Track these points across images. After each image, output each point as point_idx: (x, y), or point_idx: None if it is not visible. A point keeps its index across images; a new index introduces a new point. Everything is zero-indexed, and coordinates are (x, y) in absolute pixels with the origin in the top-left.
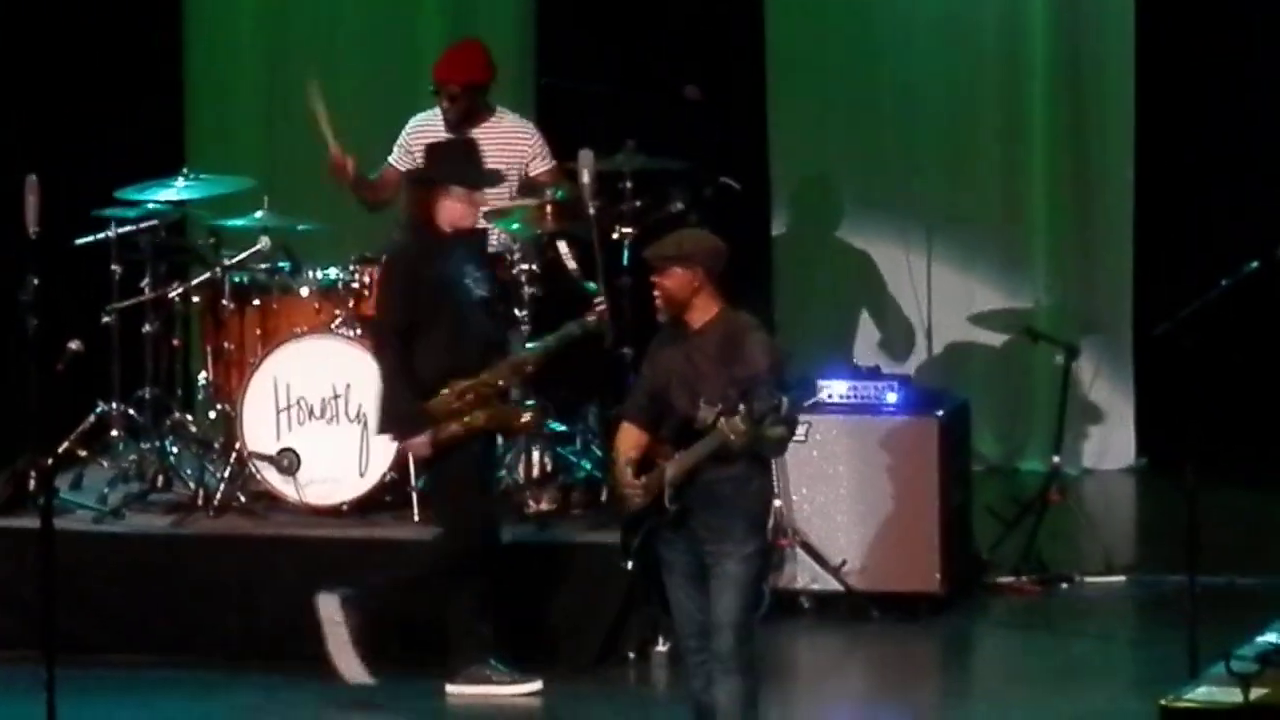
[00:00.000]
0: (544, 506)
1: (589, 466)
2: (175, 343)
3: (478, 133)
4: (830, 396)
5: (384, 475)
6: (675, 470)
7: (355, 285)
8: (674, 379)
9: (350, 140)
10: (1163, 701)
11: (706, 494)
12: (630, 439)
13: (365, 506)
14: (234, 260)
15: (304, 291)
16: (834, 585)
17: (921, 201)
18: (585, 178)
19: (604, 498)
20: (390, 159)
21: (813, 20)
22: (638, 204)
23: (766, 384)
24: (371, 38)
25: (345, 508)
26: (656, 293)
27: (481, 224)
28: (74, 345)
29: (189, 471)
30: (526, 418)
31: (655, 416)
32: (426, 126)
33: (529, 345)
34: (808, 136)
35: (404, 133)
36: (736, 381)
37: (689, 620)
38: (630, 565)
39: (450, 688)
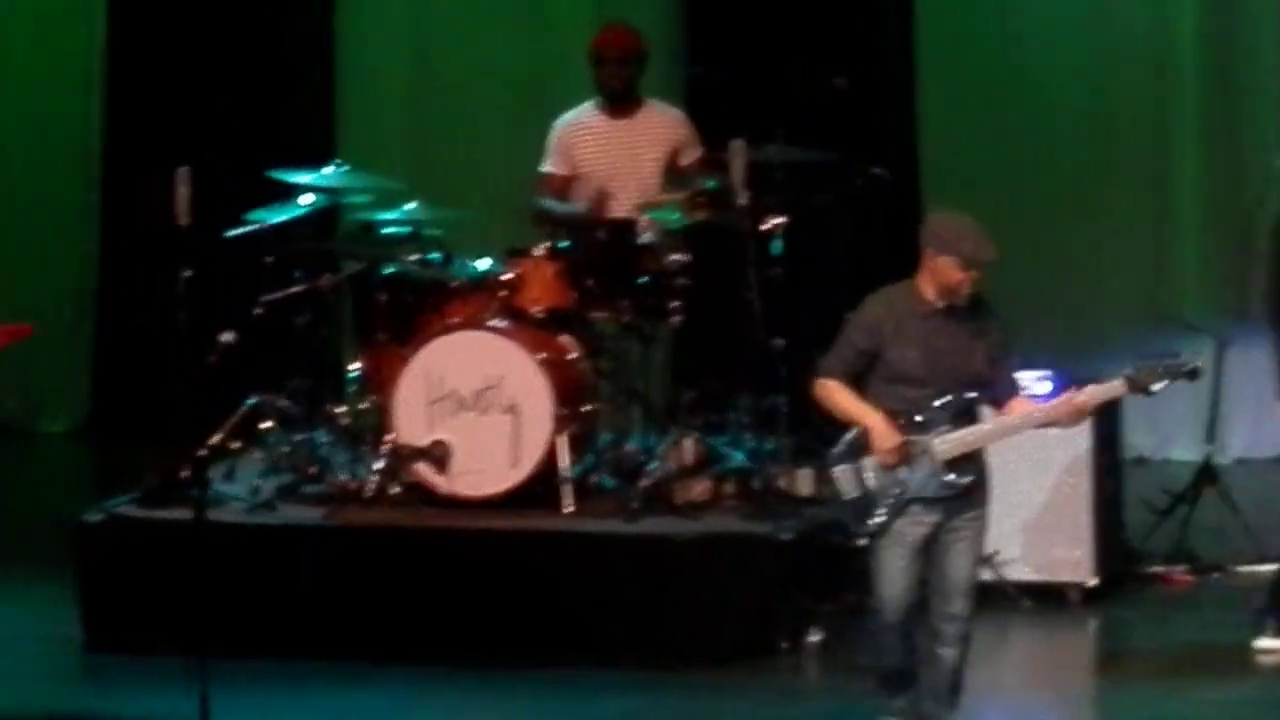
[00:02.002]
0: (695, 497)
1: (741, 457)
2: (327, 334)
3: (627, 121)
4: None
5: (535, 467)
6: (953, 447)
7: (506, 277)
8: (933, 353)
9: (498, 130)
10: None
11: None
12: (850, 394)
13: (517, 498)
14: (387, 252)
15: (455, 283)
16: (986, 575)
17: (1067, 191)
18: (736, 168)
19: (755, 487)
20: (546, 167)
21: (962, 10)
22: (788, 195)
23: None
24: (519, 29)
25: (497, 499)
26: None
27: (630, 215)
28: (226, 337)
29: (341, 463)
30: None
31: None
32: (578, 123)
33: None
34: (958, 126)
35: (554, 136)
36: (989, 359)
37: (906, 595)
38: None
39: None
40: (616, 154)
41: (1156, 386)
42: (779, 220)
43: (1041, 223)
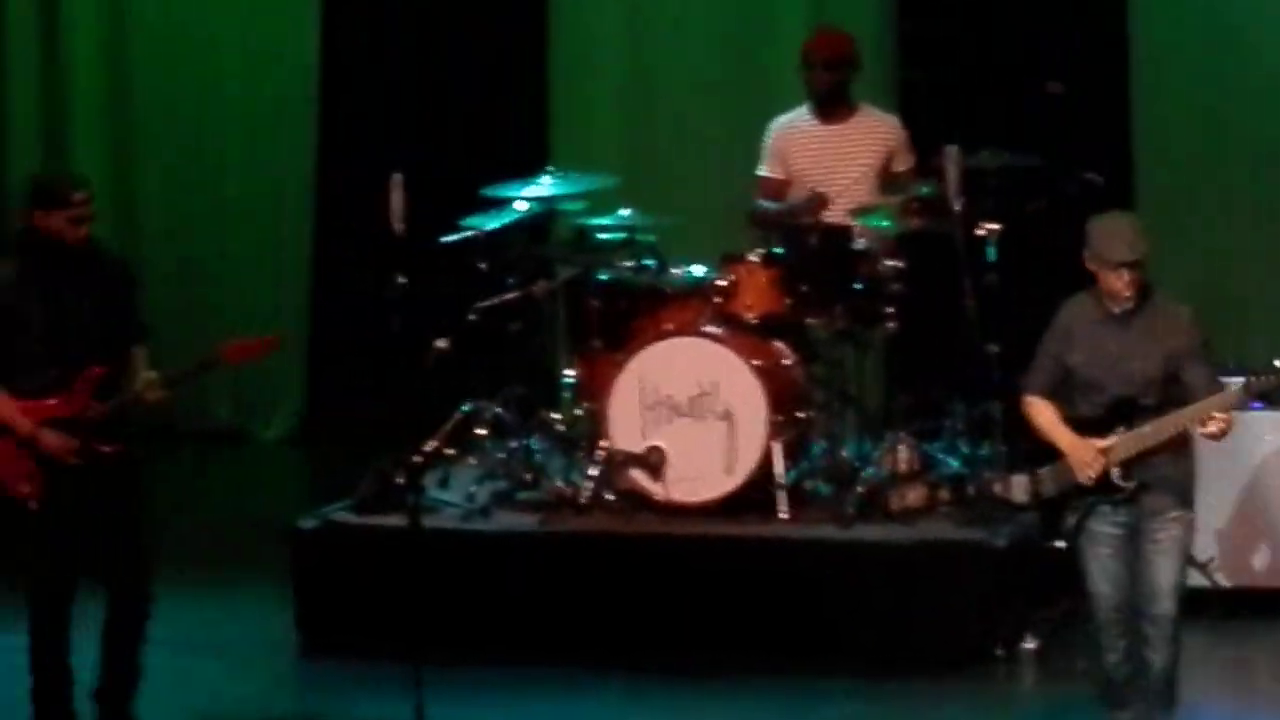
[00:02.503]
0: (910, 503)
1: (955, 463)
2: (541, 341)
3: (840, 125)
4: None
5: (750, 473)
6: (1129, 448)
7: (721, 283)
8: (1107, 358)
9: (712, 136)
10: None
11: (1145, 467)
12: (1051, 414)
13: (731, 504)
14: (601, 258)
15: (670, 289)
16: (1201, 581)
17: None
18: (950, 174)
19: (970, 493)
20: (762, 170)
21: (1177, 11)
22: (1001, 201)
23: (1198, 359)
24: (731, 32)
25: (711, 505)
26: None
27: (845, 220)
28: (441, 344)
29: (555, 470)
30: None
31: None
32: (792, 126)
33: None
34: (1172, 130)
35: (769, 139)
36: (1168, 358)
37: (1113, 594)
38: (1064, 545)
39: None
40: (829, 158)
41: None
42: (993, 226)
43: (1259, 227)
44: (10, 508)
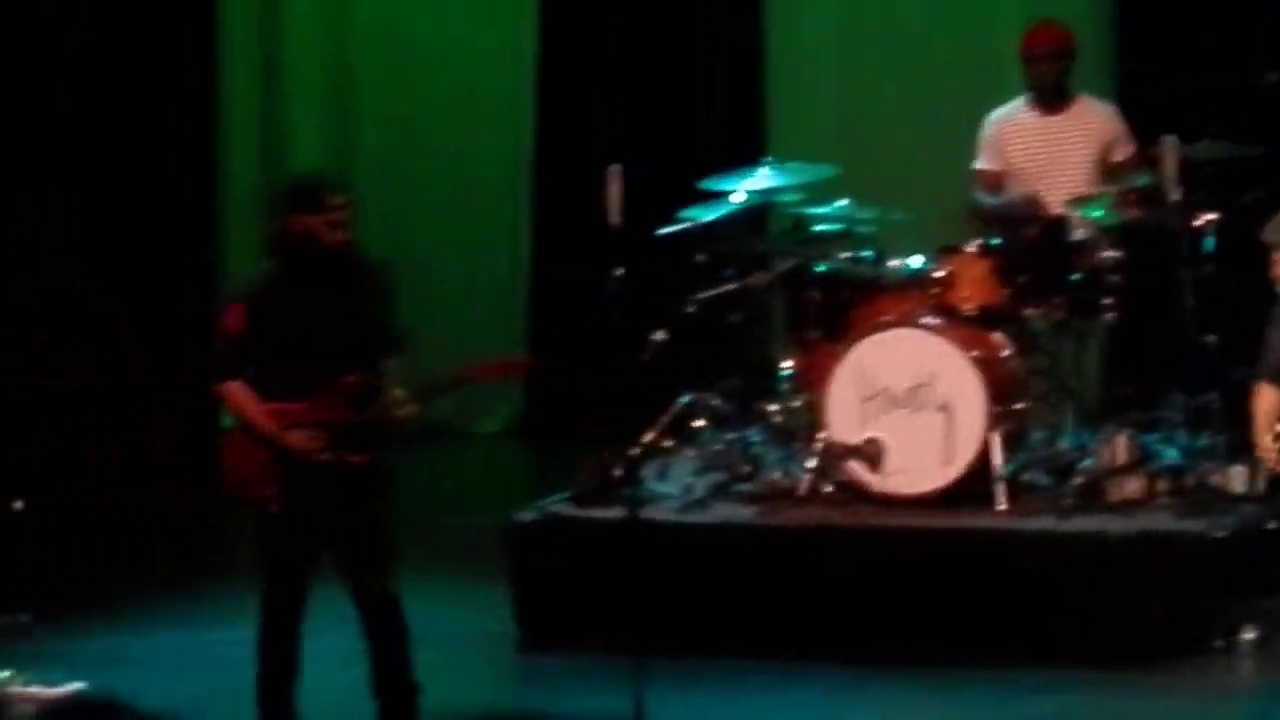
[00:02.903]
0: (1129, 495)
1: (1174, 454)
2: (759, 333)
3: (1058, 117)
4: None
5: (969, 465)
6: None
7: (939, 274)
8: None
9: (930, 127)
10: None
11: None
12: (1268, 402)
13: (950, 496)
14: (819, 249)
15: (887, 281)
16: None
17: None
18: (1169, 165)
19: (1189, 484)
20: (980, 163)
21: None
22: (1220, 192)
23: None
24: (949, 23)
25: (930, 497)
26: None
27: (1063, 211)
28: (659, 335)
29: (773, 461)
30: None
31: None
32: (1010, 119)
33: None
34: None
35: (986, 131)
36: None
37: None
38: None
39: None
40: (1047, 150)
41: None
42: (1211, 217)
43: None
44: (252, 509)
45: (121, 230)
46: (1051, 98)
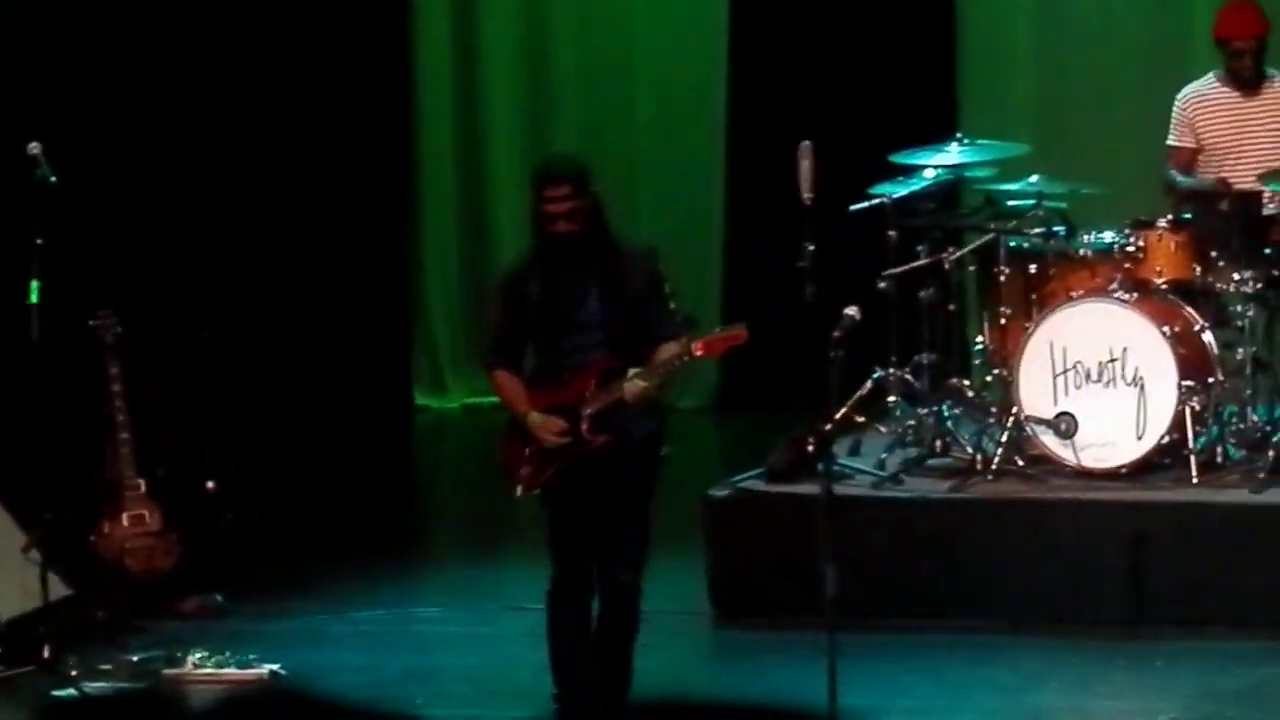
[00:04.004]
0: None
1: None
2: (951, 308)
3: (1253, 94)
4: None
5: (1161, 438)
6: None
7: (1130, 249)
8: None
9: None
10: None
11: None
12: None
13: (1143, 469)
14: (1011, 225)
15: (1079, 255)
16: None
17: None
18: None
19: None
20: (1172, 140)
21: None
22: None
23: None
24: (1144, 5)
25: (1123, 471)
26: None
27: (1255, 186)
28: (851, 311)
29: (966, 436)
30: None
31: None
32: (1201, 95)
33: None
34: None
35: (1178, 108)
36: None
37: None
38: None
39: None
40: (1238, 126)
41: None
42: None
43: None
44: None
45: (323, 235)
46: (1248, 81)
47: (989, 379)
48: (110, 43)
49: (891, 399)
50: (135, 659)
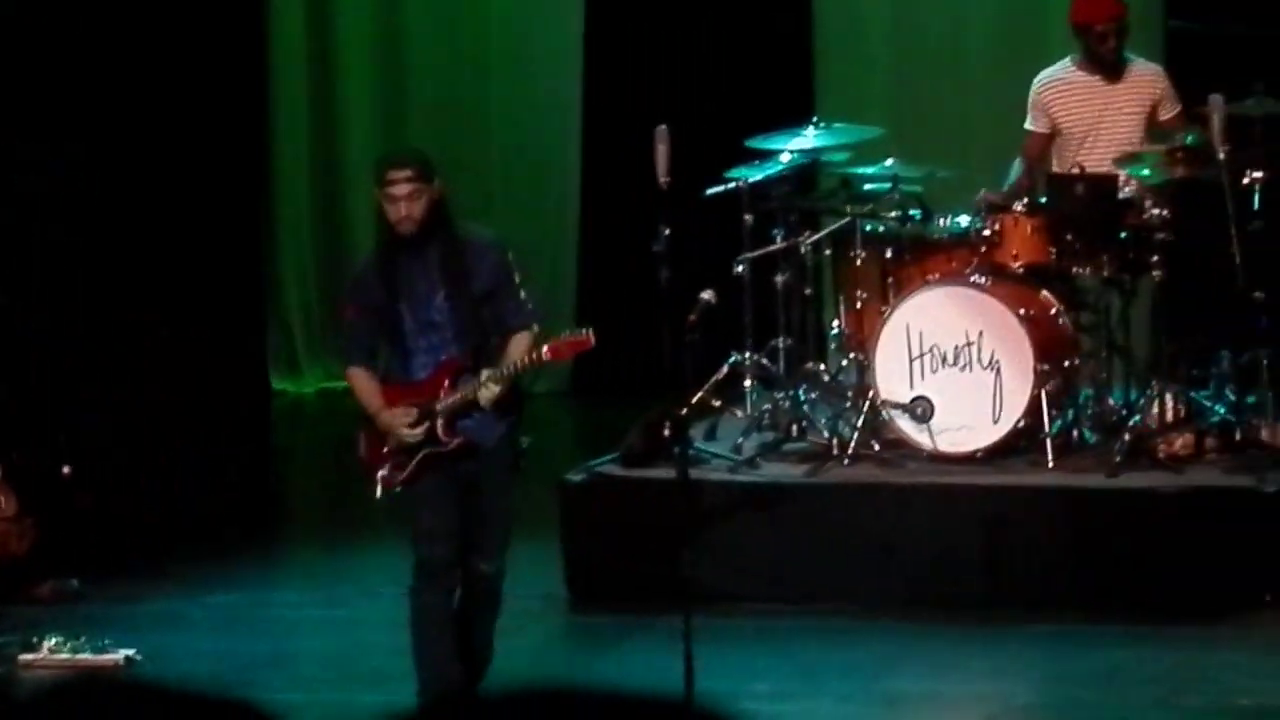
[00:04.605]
0: (1177, 451)
1: (1222, 410)
2: (808, 292)
3: (1109, 79)
4: None
5: (1017, 422)
6: None
7: (986, 233)
8: None
9: (980, 85)
10: None
11: None
12: None
13: (999, 453)
14: (866, 209)
15: (935, 239)
16: None
17: None
18: (1215, 122)
19: (1237, 440)
20: (1027, 125)
21: None
22: (1268, 149)
23: None
24: None
25: (979, 455)
26: None
27: (1111, 170)
28: (706, 295)
29: (823, 420)
30: None
31: None
32: (1059, 80)
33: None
34: None
35: (1034, 92)
36: None
37: None
38: None
39: None
40: (1095, 111)
41: None
42: (1258, 174)
43: None
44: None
45: (174, 219)
46: (1111, 65)
47: (845, 363)
48: None
49: (747, 383)
50: None
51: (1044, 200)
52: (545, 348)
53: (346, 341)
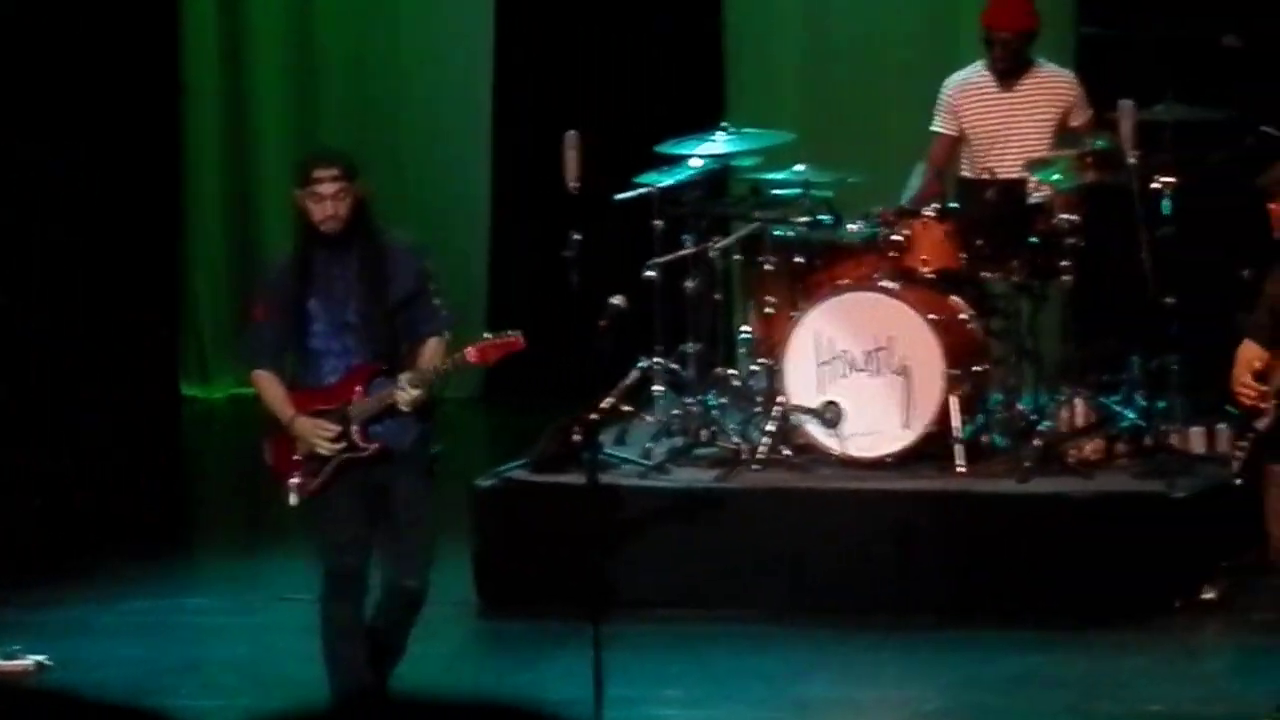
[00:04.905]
0: (1087, 456)
1: (1133, 416)
2: (718, 297)
3: (1019, 84)
4: None
5: (927, 428)
6: None
7: (896, 238)
8: None
9: (891, 90)
10: None
11: None
12: (1251, 352)
13: (909, 459)
14: (776, 214)
15: (846, 244)
16: None
17: None
18: (1126, 128)
19: (1148, 445)
20: (935, 126)
21: None
22: (1178, 154)
23: None
24: None
25: (889, 460)
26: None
27: (1021, 175)
28: (617, 301)
29: (732, 425)
30: None
31: (1275, 334)
32: (968, 84)
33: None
34: None
35: (944, 94)
36: None
37: None
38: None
39: None
40: (1005, 116)
41: None
42: (1169, 179)
43: None
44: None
45: (85, 225)
46: (1003, 72)
47: (755, 368)
48: None
49: (658, 388)
50: None
51: (954, 205)
52: (472, 350)
53: (253, 343)
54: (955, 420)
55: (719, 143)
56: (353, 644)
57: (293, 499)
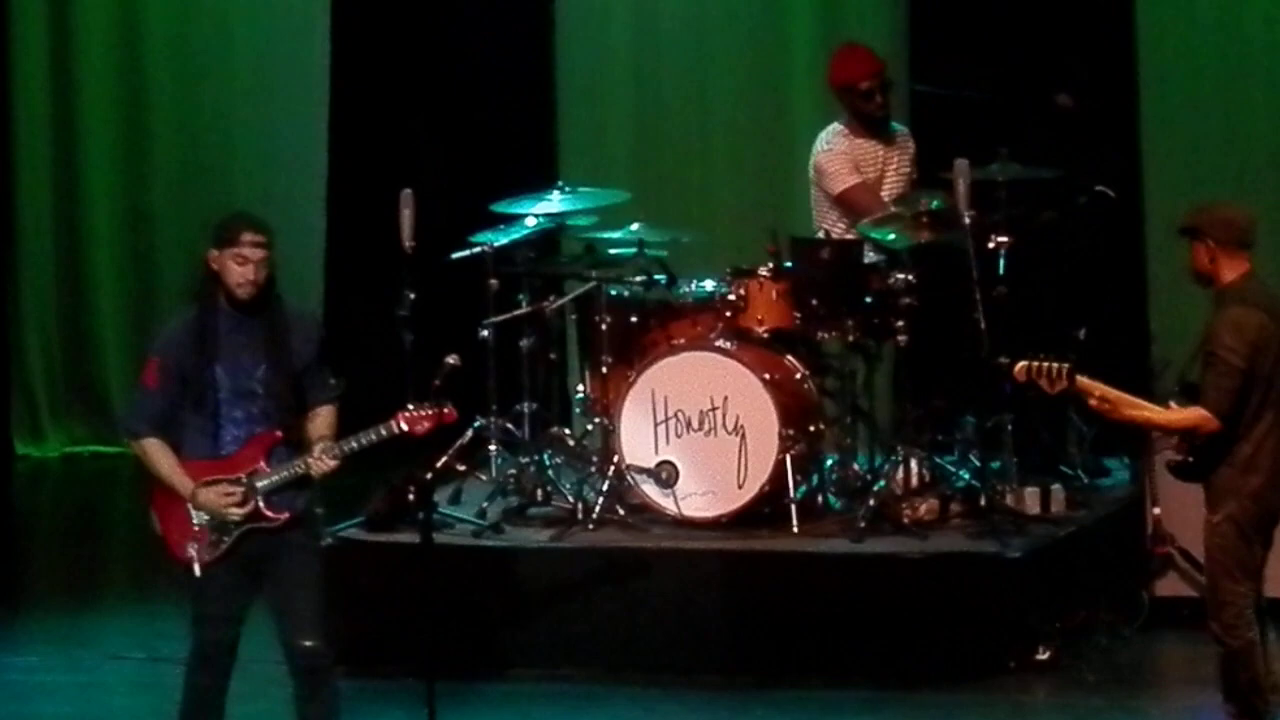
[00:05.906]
0: (922, 516)
1: (967, 476)
2: (552, 356)
3: (887, 140)
4: None
5: (762, 487)
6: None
7: (731, 298)
8: None
9: (722, 149)
10: None
11: None
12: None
13: (743, 518)
14: (611, 273)
15: (680, 304)
16: None
17: None
18: (961, 187)
19: (982, 506)
20: (851, 181)
21: (1184, 28)
22: (1011, 213)
23: None
24: (739, 49)
25: (723, 520)
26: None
27: (853, 235)
28: (451, 360)
29: (567, 485)
30: None
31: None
32: (853, 141)
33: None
34: (1180, 144)
35: (837, 150)
36: None
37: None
38: None
39: None
40: (877, 174)
41: None
42: (1003, 238)
43: (1275, 234)
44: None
45: None
46: (881, 120)
47: (590, 428)
48: None
49: (492, 448)
50: None
51: (789, 265)
52: (401, 419)
53: (142, 409)
54: (789, 480)
55: (554, 201)
56: (209, 717)
57: (196, 570)
